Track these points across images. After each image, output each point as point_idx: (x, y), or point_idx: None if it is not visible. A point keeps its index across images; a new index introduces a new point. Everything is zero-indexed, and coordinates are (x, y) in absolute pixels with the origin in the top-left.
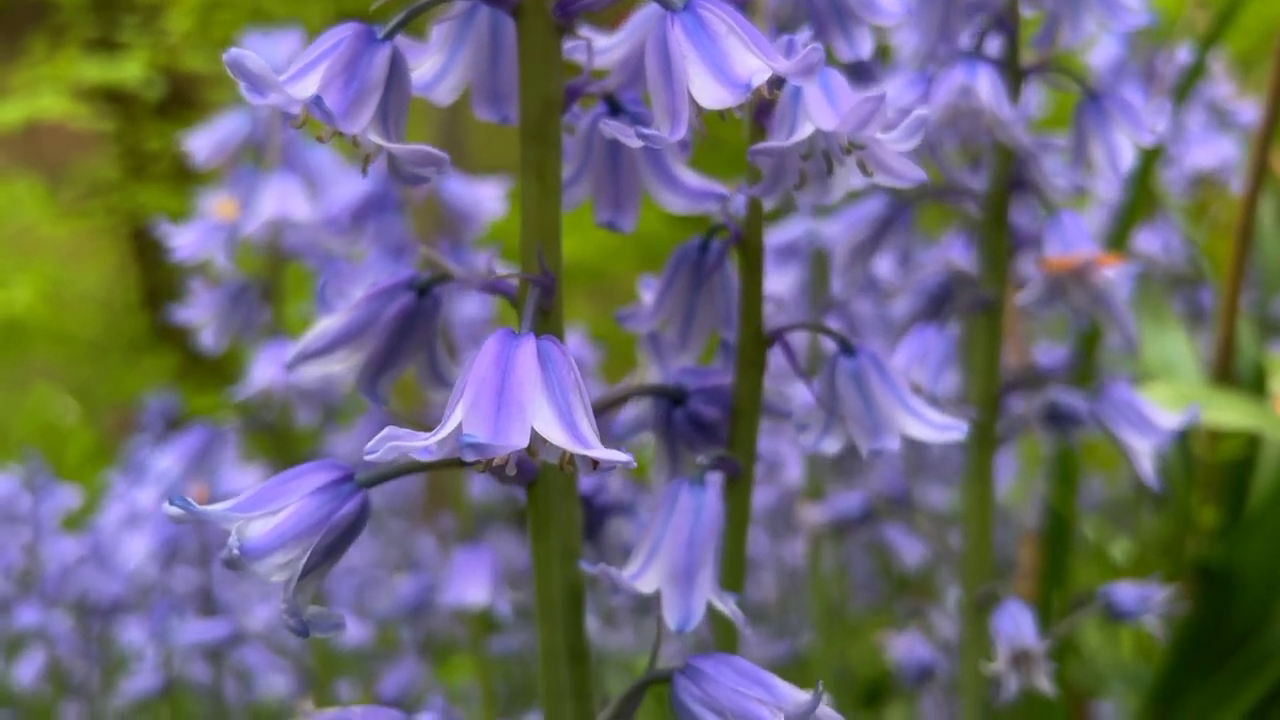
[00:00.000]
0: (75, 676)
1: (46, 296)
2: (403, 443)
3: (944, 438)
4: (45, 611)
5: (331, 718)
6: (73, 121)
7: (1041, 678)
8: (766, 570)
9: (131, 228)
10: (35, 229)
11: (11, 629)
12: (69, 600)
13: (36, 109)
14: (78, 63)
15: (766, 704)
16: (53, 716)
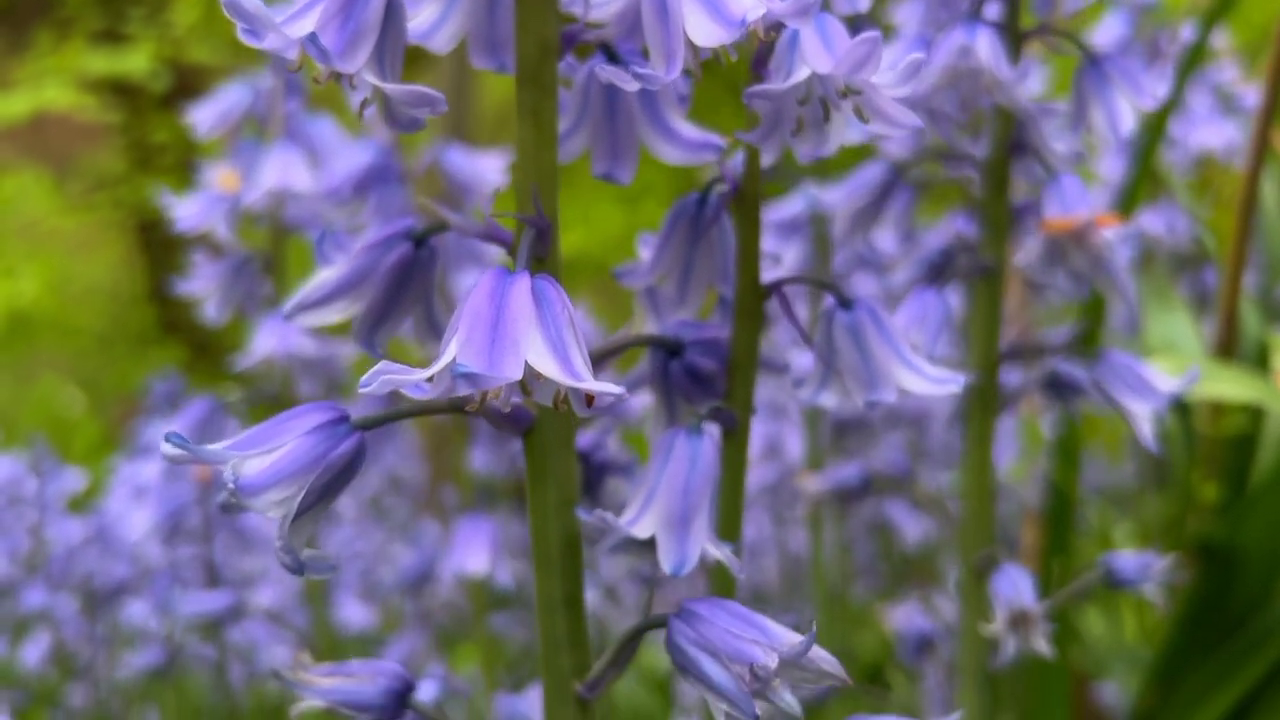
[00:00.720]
0: (81, 659)
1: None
2: (396, 376)
3: (941, 390)
4: (51, 594)
5: (329, 670)
6: (79, 113)
7: (1040, 639)
8: (769, 555)
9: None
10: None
11: (17, 612)
12: (74, 583)
13: (43, 101)
14: (84, 54)
15: (760, 644)
16: (58, 699)
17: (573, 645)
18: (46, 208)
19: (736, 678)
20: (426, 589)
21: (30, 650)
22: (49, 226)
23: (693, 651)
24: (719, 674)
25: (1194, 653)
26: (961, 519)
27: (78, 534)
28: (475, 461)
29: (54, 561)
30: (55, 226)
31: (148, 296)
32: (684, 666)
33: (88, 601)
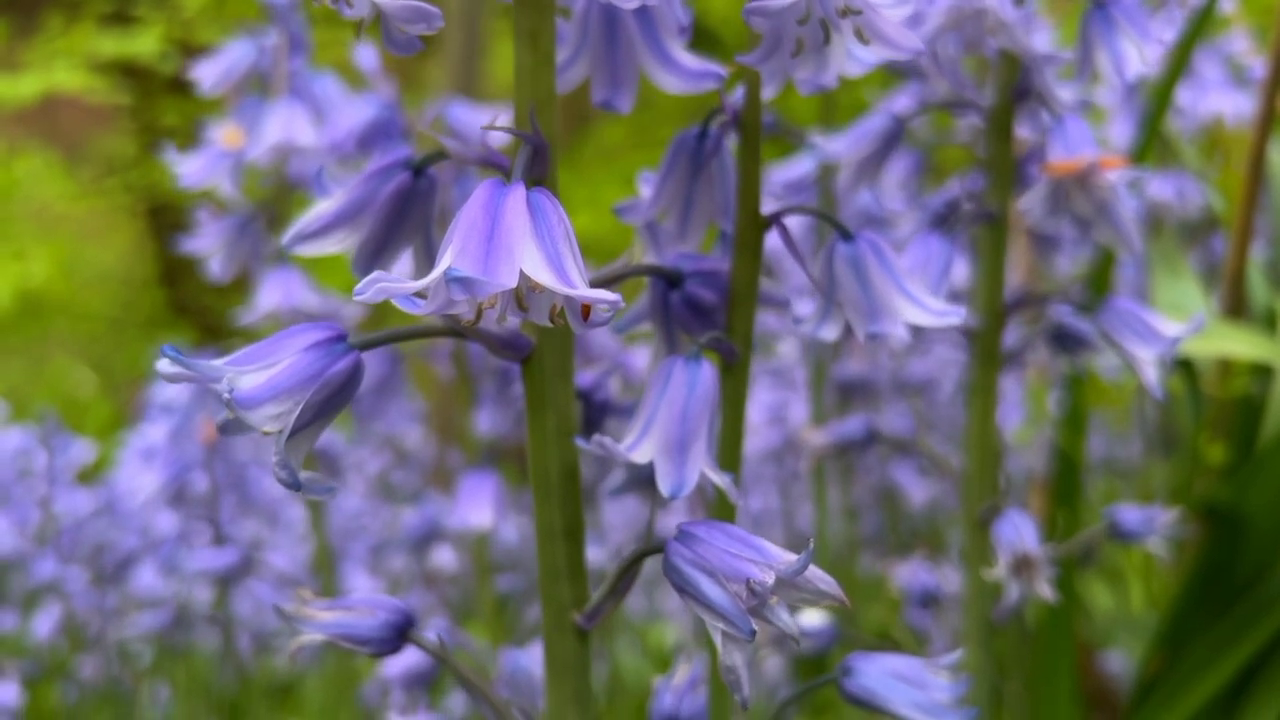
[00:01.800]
0: (90, 629)
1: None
2: (391, 284)
3: (942, 323)
4: (60, 566)
5: (331, 604)
6: (89, 95)
7: (1043, 584)
8: (774, 527)
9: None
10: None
11: (27, 584)
12: (83, 554)
13: (53, 83)
14: (93, 37)
15: (757, 563)
16: (69, 670)
17: (571, 576)
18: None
19: (733, 596)
20: (431, 549)
21: (41, 622)
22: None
23: (690, 571)
24: (716, 593)
25: (1200, 618)
26: (965, 471)
27: (87, 505)
28: (480, 424)
29: (64, 533)
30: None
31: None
32: (681, 587)
33: (97, 573)
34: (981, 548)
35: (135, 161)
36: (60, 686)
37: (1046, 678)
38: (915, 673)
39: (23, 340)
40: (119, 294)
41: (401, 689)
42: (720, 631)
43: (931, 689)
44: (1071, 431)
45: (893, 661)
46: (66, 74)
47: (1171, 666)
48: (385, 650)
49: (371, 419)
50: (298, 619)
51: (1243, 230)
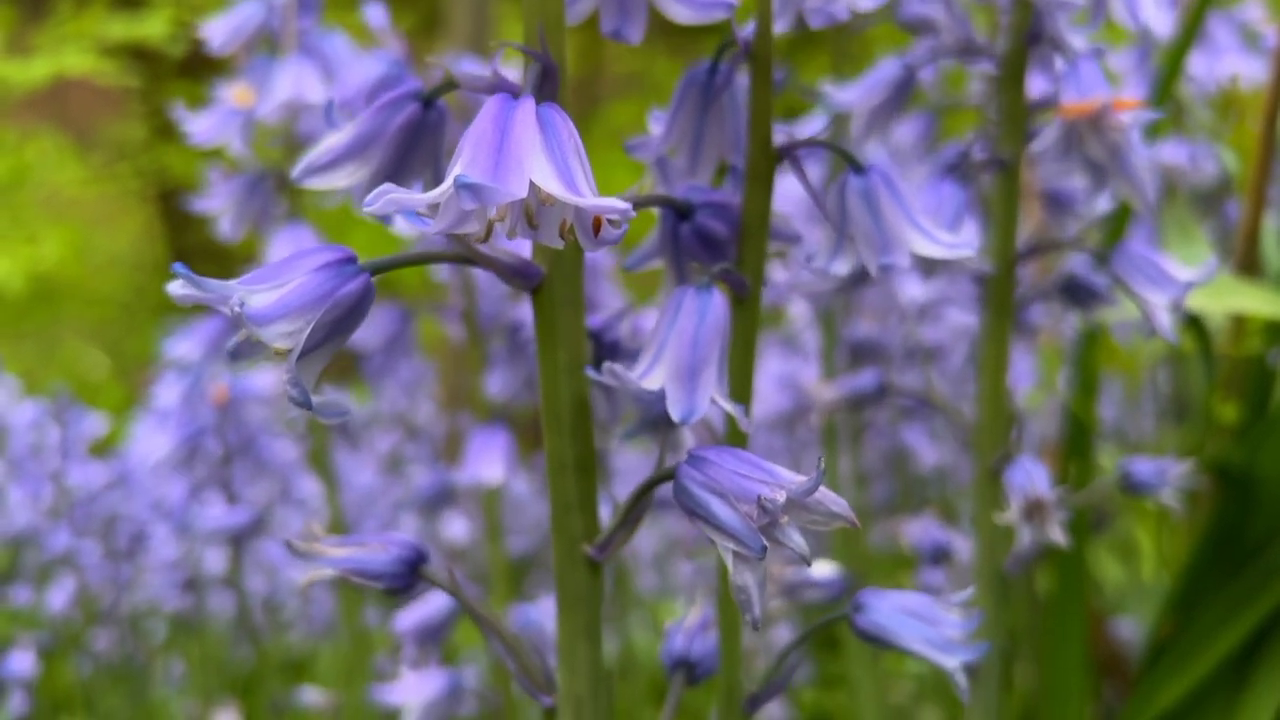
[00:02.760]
0: (104, 602)
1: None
2: (399, 196)
3: (953, 254)
4: (74, 539)
5: (342, 540)
6: (99, 78)
7: (1054, 528)
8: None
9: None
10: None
11: (42, 558)
12: (96, 526)
13: (63, 66)
14: (103, 20)
15: (768, 484)
16: (83, 643)
17: (583, 508)
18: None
19: (744, 516)
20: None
21: (55, 595)
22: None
23: (701, 494)
24: (726, 513)
25: (1211, 581)
26: (977, 421)
27: (100, 478)
28: (491, 387)
29: (77, 506)
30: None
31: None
32: (692, 509)
33: (110, 546)
34: (993, 499)
35: (146, 146)
36: (75, 660)
37: (1057, 645)
38: (927, 609)
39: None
40: (130, 278)
41: (414, 642)
42: (731, 552)
43: (943, 625)
44: (1083, 394)
45: (904, 598)
46: (76, 57)
47: (1183, 630)
48: (397, 585)
49: (382, 377)
50: (309, 555)
51: (1257, 190)
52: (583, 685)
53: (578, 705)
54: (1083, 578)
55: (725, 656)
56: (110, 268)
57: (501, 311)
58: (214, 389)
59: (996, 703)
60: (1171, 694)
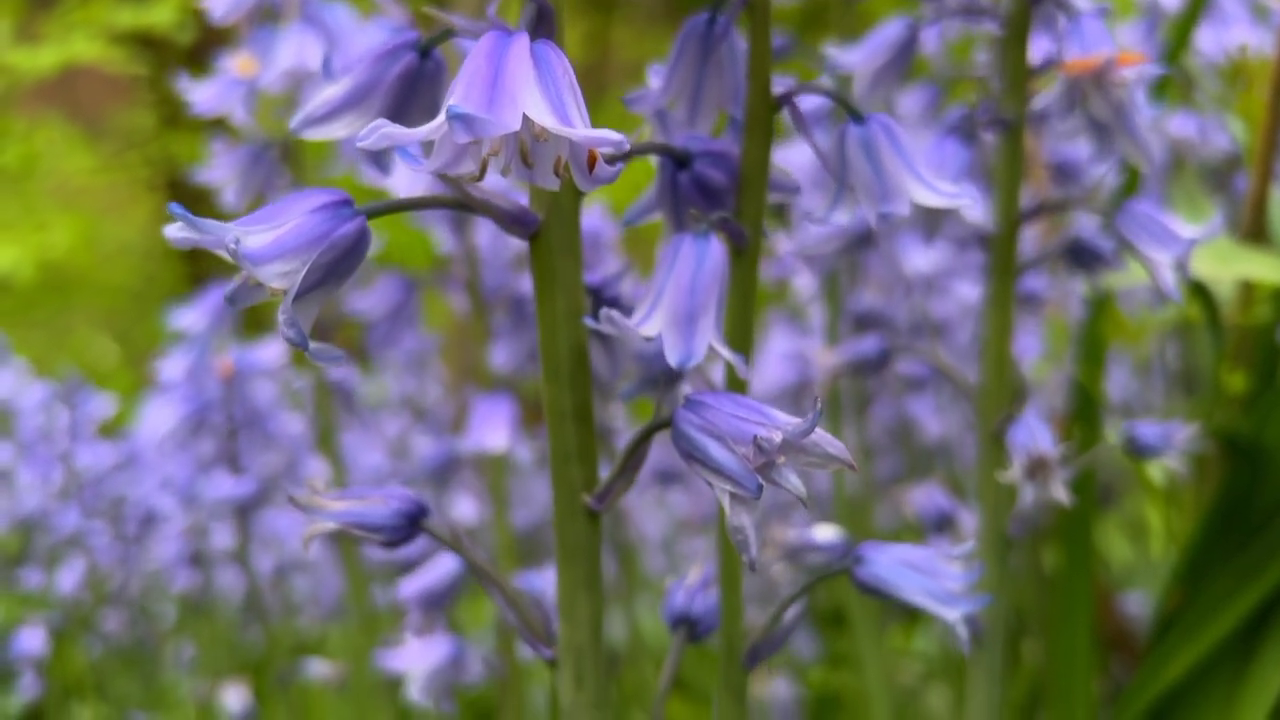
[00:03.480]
0: (114, 582)
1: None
2: (393, 131)
3: (953, 204)
4: (84, 519)
5: (341, 494)
6: (107, 65)
7: (1058, 486)
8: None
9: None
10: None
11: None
12: (105, 507)
13: (71, 54)
14: (110, 7)
15: (764, 425)
16: (93, 624)
17: (582, 457)
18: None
19: (740, 458)
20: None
21: (65, 576)
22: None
23: (698, 436)
24: (722, 454)
25: (1219, 552)
26: (980, 384)
27: (108, 458)
28: (496, 359)
29: (86, 487)
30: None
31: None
32: (689, 453)
33: (119, 527)
34: (997, 462)
35: (154, 134)
36: (85, 642)
37: (1064, 620)
38: (927, 562)
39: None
40: (140, 267)
41: (418, 609)
42: (728, 494)
43: (943, 578)
44: (1090, 365)
45: (905, 551)
46: (84, 45)
47: (1190, 602)
48: (397, 538)
49: (386, 346)
50: (310, 508)
51: (1264, 159)
52: (583, 636)
53: (578, 656)
54: (1089, 552)
55: (726, 611)
56: (120, 256)
57: (505, 283)
58: (219, 363)
59: (1000, 674)
60: (1179, 666)
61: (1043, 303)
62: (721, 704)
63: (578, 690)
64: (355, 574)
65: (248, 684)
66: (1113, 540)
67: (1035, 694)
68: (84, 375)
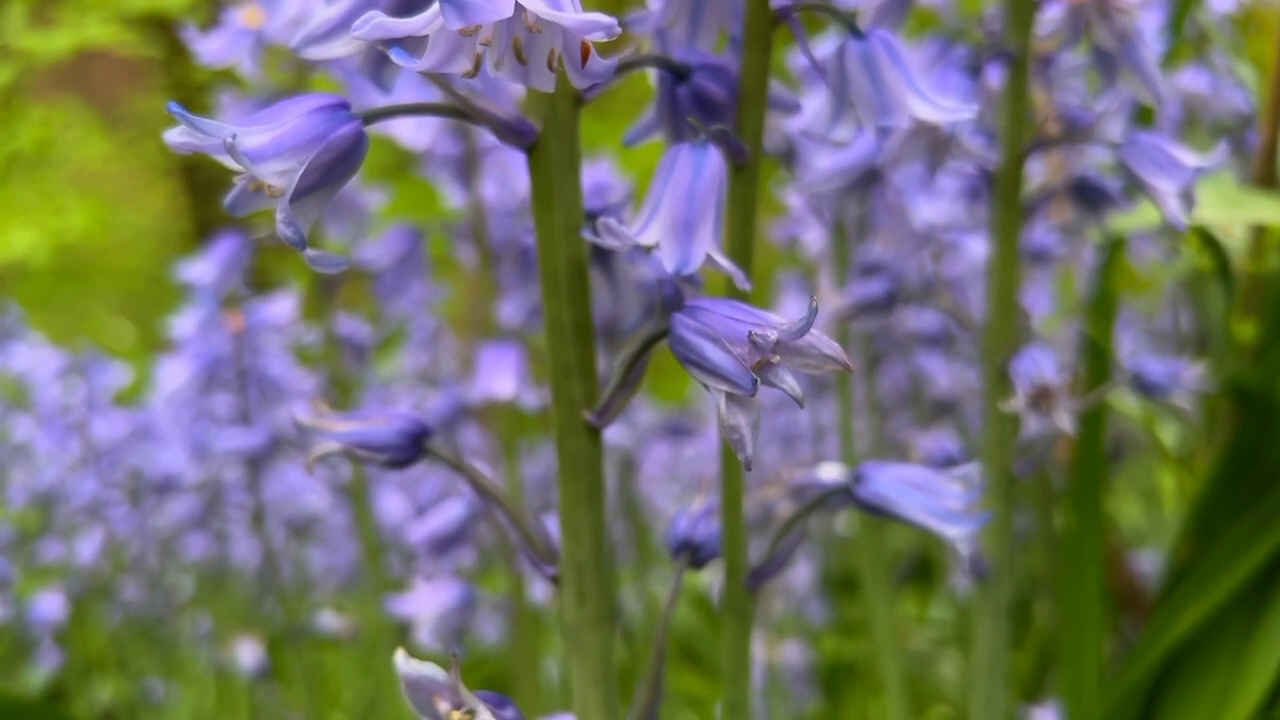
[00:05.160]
0: (131, 550)
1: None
2: (386, 21)
3: (952, 117)
4: (101, 488)
5: (347, 415)
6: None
7: (1062, 415)
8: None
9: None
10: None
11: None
12: (122, 478)
13: (85, 38)
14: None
15: (760, 325)
16: (111, 593)
17: (581, 373)
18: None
19: (736, 358)
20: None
21: (84, 546)
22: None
23: (694, 339)
24: (718, 354)
25: (1230, 505)
26: (985, 322)
27: (124, 427)
28: (504, 313)
29: (103, 457)
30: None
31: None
32: (685, 356)
33: (136, 496)
34: (1002, 396)
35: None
36: (104, 611)
37: (1074, 578)
38: (928, 480)
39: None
40: (156, 251)
41: (427, 553)
42: (724, 394)
43: (944, 496)
44: (1101, 318)
45: (905, 470)
46: (98, 28)
47: (1201, 556)
48: (401, 458)
49: (394, 295)
50: (314, 430)
51: (1274, 106)
52: (585, 552)
53: (580, 571)
54: (1100, 512)
55: (728, 535)
56: (136, 241)
57: (512, 235)
58: (230, 318)
59: (1006, 616)
60: (1189, 619)
61: (1053, 259)
62: (726, 626)
63: (580, 606)
64: (369, 541)
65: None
66: (1124, 505)
67: (1046, 655)
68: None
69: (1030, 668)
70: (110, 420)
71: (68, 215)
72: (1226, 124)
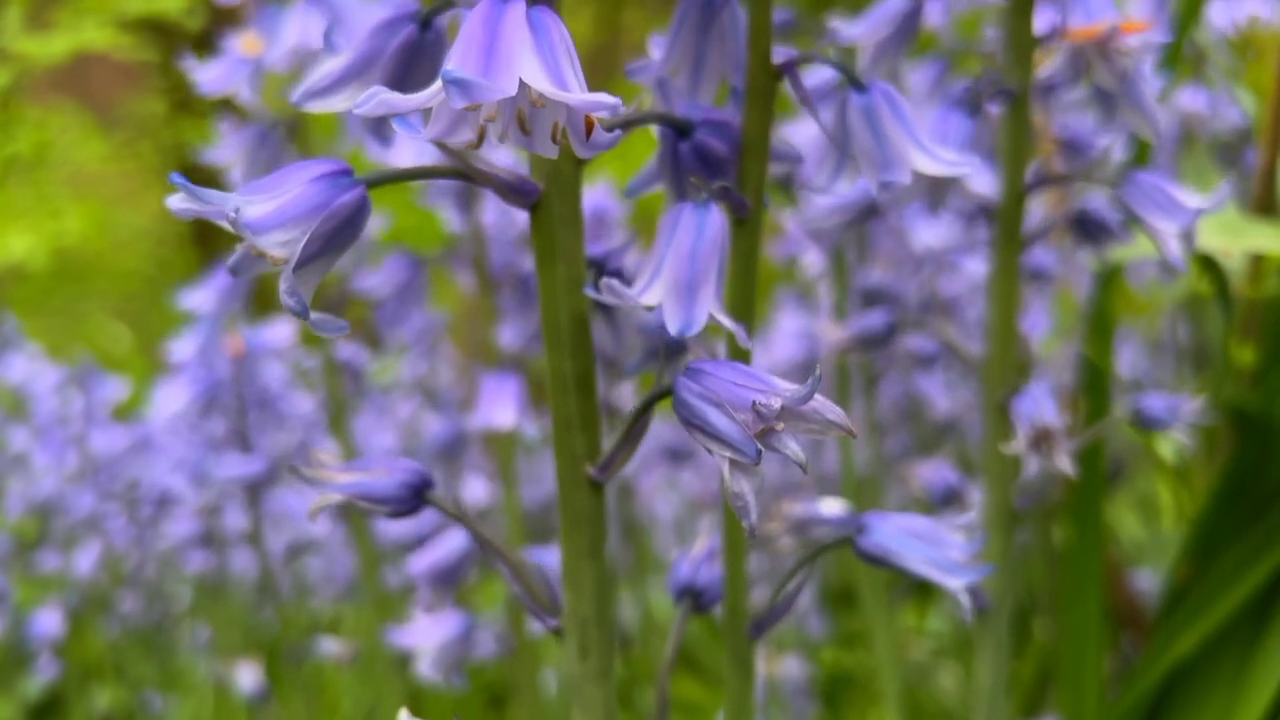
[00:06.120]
0: (129, 563)
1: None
2: (390, 98)
3: (955, 172)
4: (99, 502)
5: (348, 465)
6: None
7: (1063, 458)
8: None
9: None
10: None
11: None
12: (119, 489)
13: (82, 41)
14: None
15: (764, 392)
16: (110, 605)
17: (584, 426)
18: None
19: (740, 424)
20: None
21: (82, 559)
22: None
23: (698, 404)
24: (722, 421)
25: (1229, 526)
26: (986, 356)
27: (122, 441)
28: (504, 338)
29: (101, 470)
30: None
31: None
32: (689, 420)
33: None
34: (1002, 434)
35: (166, 121)
36: (103, 623)
37: (1074, 596)
38: (930, 531)
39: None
40: (153, 253)
41: (427, 585)
42: (728, 461)
43: (947, 547)
44: (1099, 340)
45: (908, 520)
46: (95, 32)
47: (1200, 576)
48: (402, 509)
49: (394, 325)
50: (315, 480)
51: (1273, 131)
52: (587, 606)
53: (582, 626)
54: (1099, 528)
55: (730, 582)
56: (133, 243)
57: (512, 261)
58: (230, 342)
59: (1006, 648)
60: (1189, 640)
61: (1051, 279)
62: (728, 675)
63: (583, 660)
64: (368, 554)
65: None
66: (1124, 517)
67: (1046, 671)
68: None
69: (1030, 682)
70: (109, 433)
71: (65, 219)
72: (1225, 140)
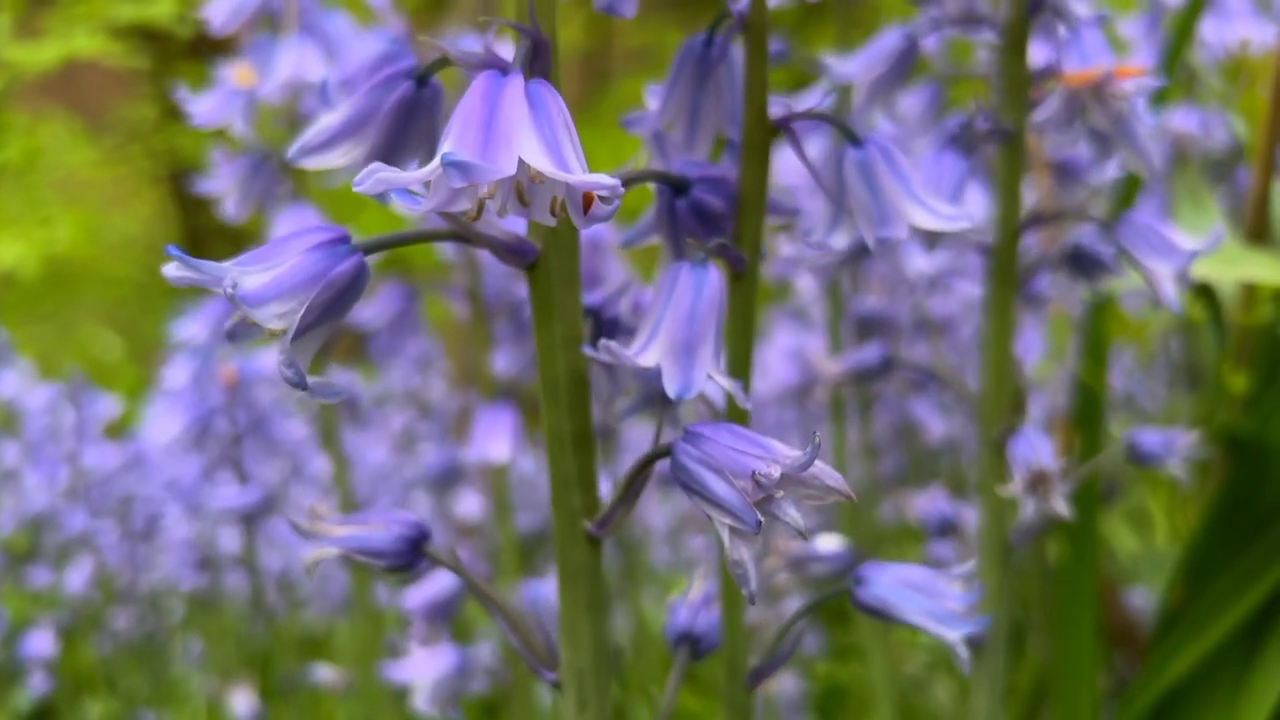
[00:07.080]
0: (121, 581)
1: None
2: (389, 174)
3: (951, 226)
4: (91, 519)
5: (345, 519)
6: (108, 59)
7: (1059, 500)
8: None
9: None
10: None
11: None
12: (112, 506)
13: (72, 48)
14: (111, 1)
15: (764, 459)
16: (102, 622)
17: (582, 484)
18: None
19: (740, 491)
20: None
21: (74, 575)
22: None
23: (697, 469)
24: (722, 488)
25: (1223, 550)
26: (981, 392)
27: (114, 459)
28: (498, 365)
29: (93, 487)
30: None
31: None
32: (688, 485)
33: (126, 526)
34: (998, 470)
35: (156, 127)
36: (95, 639)
37: (1069, 614)
38: (928, 582)
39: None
40: (144, 259)
41: (423, 620)
42: (728, 527)
43: (944, 598)
44: (1093, 363)
45: (905, 571)
46: (86, 39)
47: (1194, 599)
48: (400, 563)
49: (388, 356)
50: (312, 534)
51: (1266, 156)
52: (585, 659)
53: (580, 679)
54: (1094, 546)
55: (728, 630)
56: (124, 249)
57: (507, 289)
58: (223, 370)
59: (1003, 674)
60: (1182, 663)
61: (1045, 301)
62: None
63: (581, 713)
64: (359, 571)
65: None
66: (1118, 531)
67: (1040, 688)
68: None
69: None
70: (101, 450)
71: (55, 226)
72: (1217, 157)
